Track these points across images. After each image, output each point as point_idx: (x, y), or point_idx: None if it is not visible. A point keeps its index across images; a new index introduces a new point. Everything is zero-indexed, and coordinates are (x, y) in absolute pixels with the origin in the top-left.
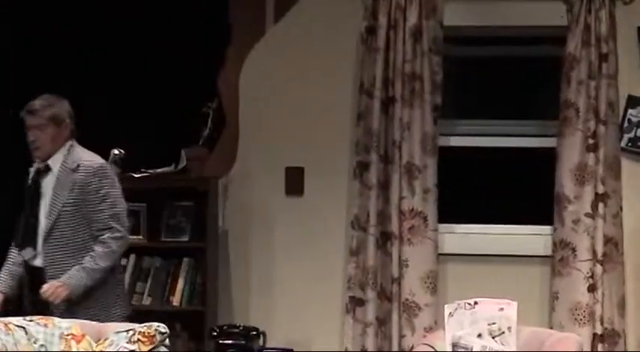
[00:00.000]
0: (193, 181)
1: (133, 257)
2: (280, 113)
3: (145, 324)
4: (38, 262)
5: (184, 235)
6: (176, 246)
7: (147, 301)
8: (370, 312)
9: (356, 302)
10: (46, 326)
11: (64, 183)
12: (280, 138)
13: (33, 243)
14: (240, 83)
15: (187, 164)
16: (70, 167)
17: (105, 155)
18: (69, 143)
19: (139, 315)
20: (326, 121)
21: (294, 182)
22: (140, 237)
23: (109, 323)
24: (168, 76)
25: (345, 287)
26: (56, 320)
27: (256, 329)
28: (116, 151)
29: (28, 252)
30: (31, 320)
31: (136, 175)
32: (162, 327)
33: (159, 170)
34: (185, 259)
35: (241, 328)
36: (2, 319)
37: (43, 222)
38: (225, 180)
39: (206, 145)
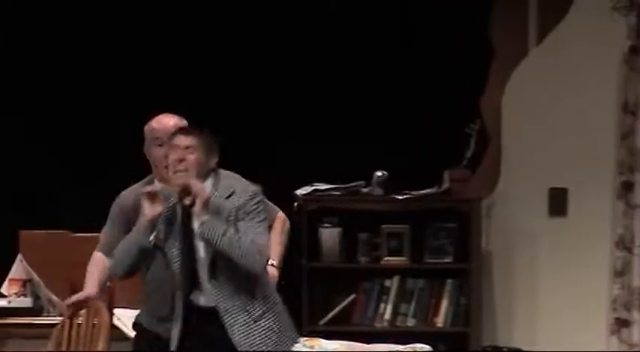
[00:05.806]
0: (456, 203)
1: (397, 278)
2: (542, 133)
3: (409, 345)
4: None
5: (448, 256)
6: (440, 267)
7: (410, 322)
8: (636, 333)
9: (621, 324)
10: (312, 347)
11: None
12: (543, 158)
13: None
14: (502, 103)
15: (450, 185)
16: None
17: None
18: None
19: (402, 336)
20: (589, 141)
21: (558, 202)
22: (404, 258)
23: (371, 344)
24: (430, 97)
25: (609, 309)
26: (323, 342)
27: (519, 351)
28: (379, 173)
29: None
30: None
31: (399, 197)
32: (427, 348)
33: (422, 191)
34: (448, 280)
35: (505, 350)
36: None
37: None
38: (488, 200)
39: (469, 166)
